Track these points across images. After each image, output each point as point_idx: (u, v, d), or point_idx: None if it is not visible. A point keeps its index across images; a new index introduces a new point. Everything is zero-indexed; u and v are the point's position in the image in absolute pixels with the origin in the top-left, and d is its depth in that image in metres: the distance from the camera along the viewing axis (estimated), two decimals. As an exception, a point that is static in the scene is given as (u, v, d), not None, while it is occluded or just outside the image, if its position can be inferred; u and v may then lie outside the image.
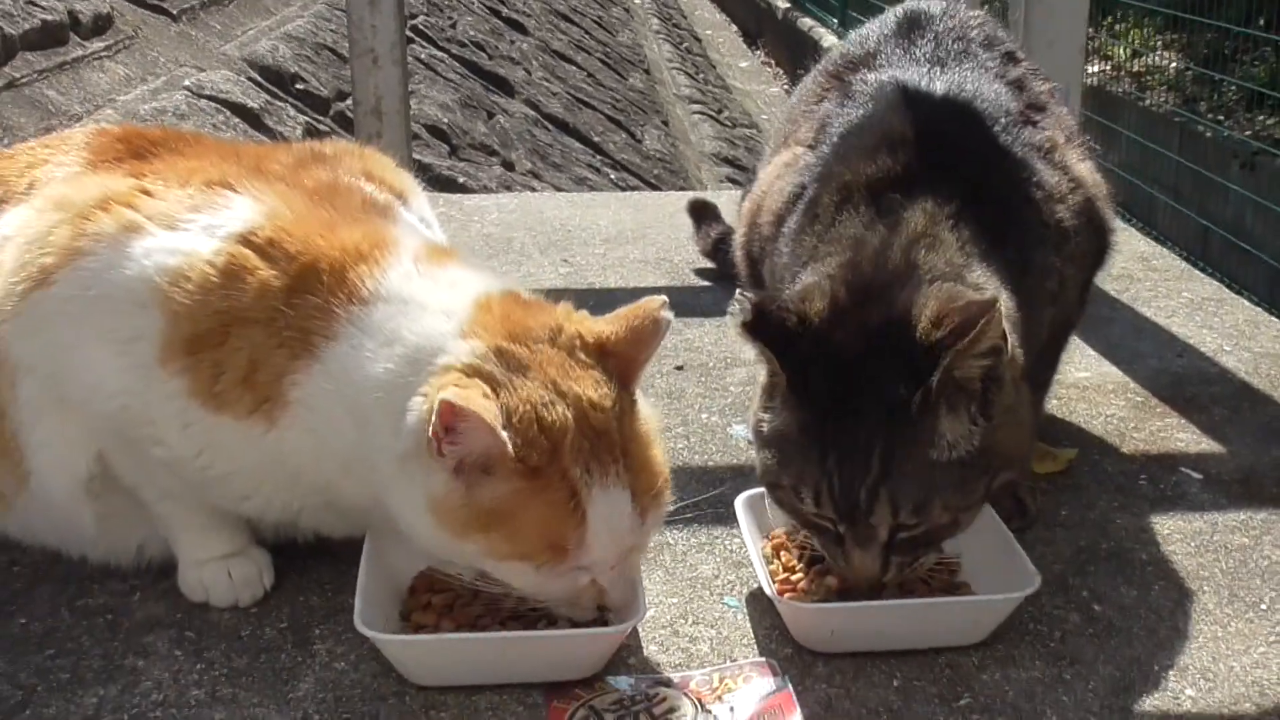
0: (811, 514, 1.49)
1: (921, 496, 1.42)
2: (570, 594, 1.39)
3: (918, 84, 1.86)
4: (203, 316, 1.43)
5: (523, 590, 1.39)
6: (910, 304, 1.47)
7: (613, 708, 1.40)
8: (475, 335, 1.39)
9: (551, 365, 1.37)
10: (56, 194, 1.54)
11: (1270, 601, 1.63)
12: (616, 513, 1.36)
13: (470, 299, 1.44)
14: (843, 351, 1.47)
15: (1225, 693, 1.46)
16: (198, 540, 1.59)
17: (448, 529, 1.34)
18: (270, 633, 1.55)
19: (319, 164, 1.64)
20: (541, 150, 6.22)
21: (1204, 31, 6.56)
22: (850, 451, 1.43)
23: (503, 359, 1.36)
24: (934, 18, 2.01)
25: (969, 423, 1.45)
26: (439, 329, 1.40)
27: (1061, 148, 1.86)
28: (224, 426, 1.45)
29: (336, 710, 1.41)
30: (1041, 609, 1.59)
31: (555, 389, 1.35)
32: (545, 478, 1.32)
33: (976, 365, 1.43)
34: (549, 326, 1.41)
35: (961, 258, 1.57)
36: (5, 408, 1.53)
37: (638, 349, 1.43)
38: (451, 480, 1.33)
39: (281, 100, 4.71)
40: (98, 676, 1.46)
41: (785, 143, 2.02)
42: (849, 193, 1.68)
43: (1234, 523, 1.82)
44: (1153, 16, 7.21)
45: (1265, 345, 2.47)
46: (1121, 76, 7.25)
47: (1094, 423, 2.12)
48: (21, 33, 3.76)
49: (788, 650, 1.52)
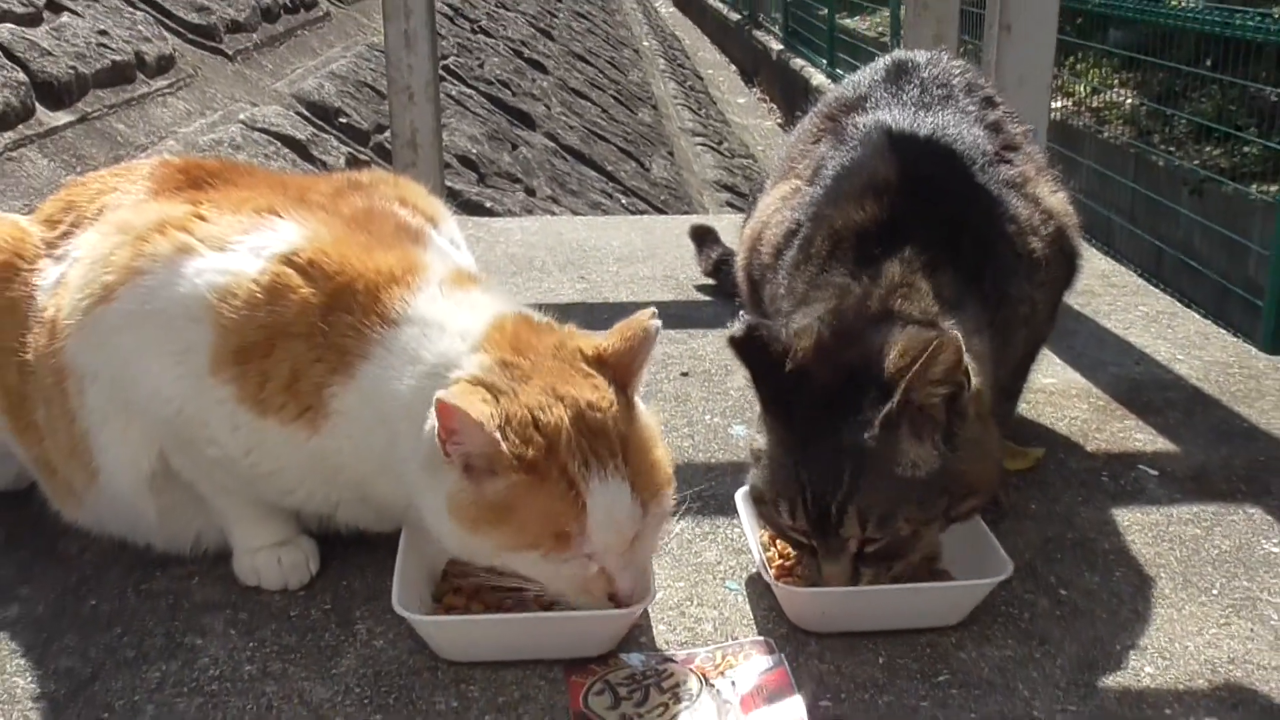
0: (788, 527, 1.49)
1: (886, 510, 1.42)
2: (580, 582, 1.38)
3: (903, 128, 1.85)
4: (249, 329, 1.43)
5: (535, 580, 1.38)
6: (883, 344, 1.48)
7: (625, 682, 1.39)
8: (485, 351, 1.40)
9: (552, 374, 1.38)
10: (119, 219, 1.55)
11: (1220, 587, 1.62)
12: (616, 503, 1.35)
13: (486, 320, 1.44)
14: (821, 383, 1.47)
15: (1180, 670, 1.45)
16: (251, 530, 1.59)
17: (464, 526, 1.35)
18: (316, 614, 1.54)
19: (356, 192, 1.64)
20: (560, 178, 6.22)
21: (1156, 71, 6.56)
22: (822, 470, 1.43)
23: (507, 370, 1.37)
24: (919, 65, 2.00)
25: (932, 448, 1.44)
26: (455, 348, 1.41)
27: (1034, 180, 1.85)
28: (269, 430, 1.45)
29: (375, 684, 1.41)
30: (1013, 593, 1.58)
31: (554, 394, 1.35)
32: (544, 472, 1.32)
33: (935, 393, 1.43)
34: (553, 342, 1.42)
35: (935, 305, 1.57)
36: (75, 412, 1.53)
37: (632, 356, 1.43)
38: (462, 480, 1.33)
39: (326, 132, 4.72)
40: (160, 653, 1.46)
41: (785, 175, 2.02)
42: (838, 240, 1.68)
43: (1187, 515, 1.81)
44: (1110, 57, 7.21)
45: (1215, 355, 2.46)
46: (1082, 111, 7.26)
47: (1060, 424, 2.12)
48: (94, 72, 3.78)
49: (783, 630, 1.51)
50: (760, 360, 1.50)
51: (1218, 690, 1.41)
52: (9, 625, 1.51)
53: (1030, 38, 2.78)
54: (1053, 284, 1.84)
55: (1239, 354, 2.47)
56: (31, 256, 1.62)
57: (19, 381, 1.59)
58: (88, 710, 1.36)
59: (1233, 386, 2.29)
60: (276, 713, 1.36)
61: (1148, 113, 6.83)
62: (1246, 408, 2.19)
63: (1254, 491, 1.88)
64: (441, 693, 1.39)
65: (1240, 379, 2.32)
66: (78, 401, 1.52)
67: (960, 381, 1.44)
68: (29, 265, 1.61)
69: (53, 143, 3.32)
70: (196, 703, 1.37)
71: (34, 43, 3.65)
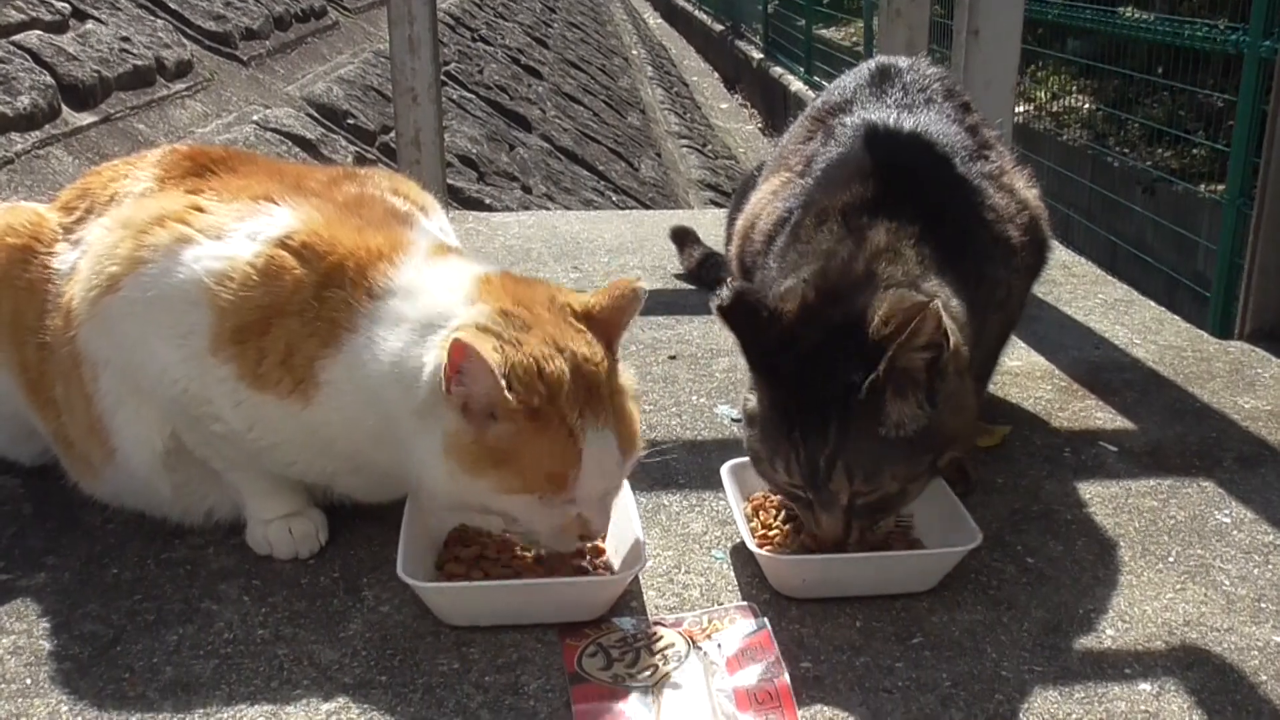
0: (785, 482, 1.48)
1: (872, 467, 1.41)
2: (560, 526, 1.37)
3: (888, 125, 1.83)
4: (246, 310, 1.41)
5: (522, 522, 1.37)
6: (867, 306, 1.45)
7: (617, 645, 1.38)
8: (482, 301, 1.38)
9: (550, 326, 1.36)
10: (122, 215, 1.53)
11: (1176, 555, 1.61)
12: (605, 452, 1.35)
13: (471, 277, 1.43)
14: (808, 343, 1.45)
15: (1139, 633, 1.44)
16: (263, 502, 1.57)
17: (462, 467, 1.32)
18: (325, 581, 1.52)
19: (350, 181, 1.62)
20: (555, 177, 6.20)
21: (1112, 78, 6.55)
22: (812, 427, 1.42)
23: (508, 320, 1.35)
24: (901, 70, 1.98)
25: (916, 407, 1.43)
26: (447, 301, 1.39)
27: (1010, 174, 1.84)
28: (268, 404, 1.43)
29: (381, 647, 1.39)
30: (982, 561, 1.57)
31: (555, 345, 1.34)
32: (546, 419, 1.31)
33: (918, 357, 1.41)
34: (544, 296, 1.41)
35: (919, 269, 1.55)
36: (91, 396, 1.51)
37: (618, 316, 1.42)
38: (461, 420, 1.31)
39: (335, 133, 4.68)
40: (178, 618, 1.44)
41: (776, 171, 2.00)
42: (825, 215, 1.66)
43: (1145, 488, 1.80)
44: (1069, 65, 7.20)
45: (1168, 339, 2.45)
46: (1043, 116, 7.24)
47: (1025, 404, 2.11)
48: (116, 75, 3.74)
49: (766, 596, 1.50)
50: (748, 325, 1.47)
51: (1174, 651, 1.40)
52: (37, 592, 1.49)
53: (997, 42, 2.76)
54: (1026, 271, 1.82)
55: (1191, 338, 2.47)
56: (49, 241, 1.60)
57: (38, 359, 1.57)
58: (110, 670, 1.34)
59: (1185, 368, 2.28)
60: (287, 673, 1.34)
61: (1104, 117, 6.82)
62: (1198, 388, 2.18)
63: (1206, 466, 1.87)
64: (444, 655, 1.37)
65: (1193, 361, 2.32)
66: (93, 386, 1.50)
67: (940, 343, 1.42)
68: (46, 249, 1.59)
69: (77, 141, 3.28)
70: (212, 664, 1.35)
71: (61, 48, 3.62)
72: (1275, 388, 2.19)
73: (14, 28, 3.54)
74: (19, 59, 3.37)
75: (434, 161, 3.03)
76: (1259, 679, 1.35)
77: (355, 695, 1.30)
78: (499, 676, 1.33)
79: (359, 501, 1.62)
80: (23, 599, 1.48)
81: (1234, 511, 1.73)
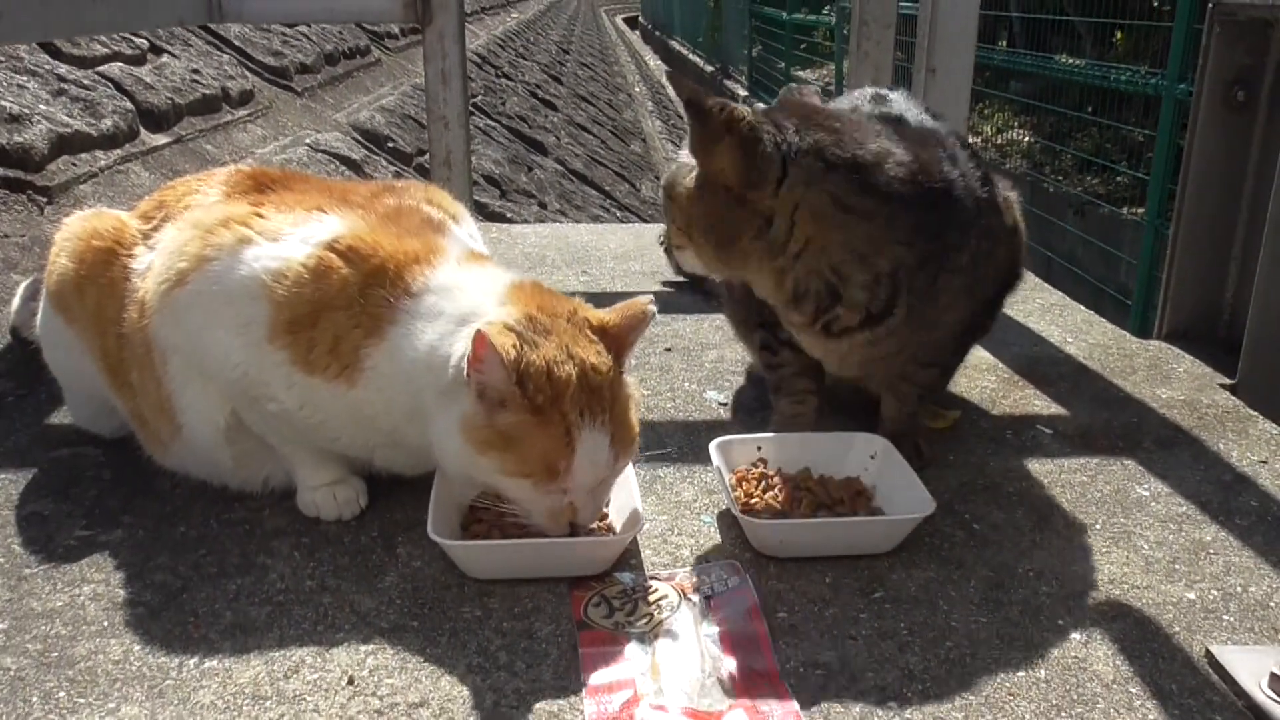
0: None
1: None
2: (552, 510, 1.36)
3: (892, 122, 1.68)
4: (299, 304, 1.39)
5: (519, 502, 1.36)
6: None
7: (618, 596, 1.37)
8: (511, 304, 1.37)
9: (566, 335, 1.34)
10: (192, 217, 1.51)
11: (1102, 524, 1.60)
12: (598, 450, 1.33)
13: (505, 283, 1.42)
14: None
15: (1071, 589, 1.43)
16: (311, 471, 1.56)
17: (472, 445, 1.31)
18: (365, 540, 1.51)
19: (390, 193, 1.60)
20: (567, 195, 6.18)
21: (1048, 115, 6.54)
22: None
23: (531, 324, 1.34)
24: (895, 98, 1.85)
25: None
26: (480, 300, 1.38)
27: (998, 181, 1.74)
28: (317, 386, 1.41)
29: (413, 597, 1.38)
30: (935, 527, 1.56)
31: (567, 352, 1.32)
32: (549, 415, 1.29)
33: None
34: (568, 309, 1.39)
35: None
36: (161, 378, 1.49)
37: (629, 332, 1.40)
38: (476, 404, 1.30)
39: (376, 154, 4.67)
40: (237, 570, 1.43)
41: None
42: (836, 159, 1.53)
43: (1075, 466, 1.79)
44: (1011, 103, 7.19)
45: (1097, 338, 2.44)
46: (989, 147, 7.23)
47: (973, 393, 2.09)
48: (188, 102, 3.73)
49: (748, 555, 1.49)
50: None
51: (1100, 605, 1.39)
52: (114, 546, 1.48)
53: (950, 79, 2.74)
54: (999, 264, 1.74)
55: (1116, 338, 2.46)
56: (129, 244, 1.59)
57: (117, 348, 1.56)
58: (178, 615, 1.33)
59: (1111, 363, 2.27)
60: (332, 618, 1.33)
61: (1041, 149, 6.81)
62: (1122, 380, 2.17)
63: (1128, 447, 1.86)
64: (468, 604, 1.36)
65: (1117, 357, 2.31)
66: (163, 370, 1.49)
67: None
68: (127, 251, 1.58)
69: (153, 159, 3.27)
70: (266, 610, 1.35)
71: (139, 78, 3.60)
72: (1188, 380, 2.19)
73: (99, 60, 3.53)
74: (103, 87, 3.35)
75: (462, 180, 3.01)
76: (1173, 630, 1.35)
77: (390, 638, 1.29)
78: (515, 623, 1.33)
79: (395, 473, 1.61)
80: (102, 553, 1.47)
81: (1152, 486, 1.72)
